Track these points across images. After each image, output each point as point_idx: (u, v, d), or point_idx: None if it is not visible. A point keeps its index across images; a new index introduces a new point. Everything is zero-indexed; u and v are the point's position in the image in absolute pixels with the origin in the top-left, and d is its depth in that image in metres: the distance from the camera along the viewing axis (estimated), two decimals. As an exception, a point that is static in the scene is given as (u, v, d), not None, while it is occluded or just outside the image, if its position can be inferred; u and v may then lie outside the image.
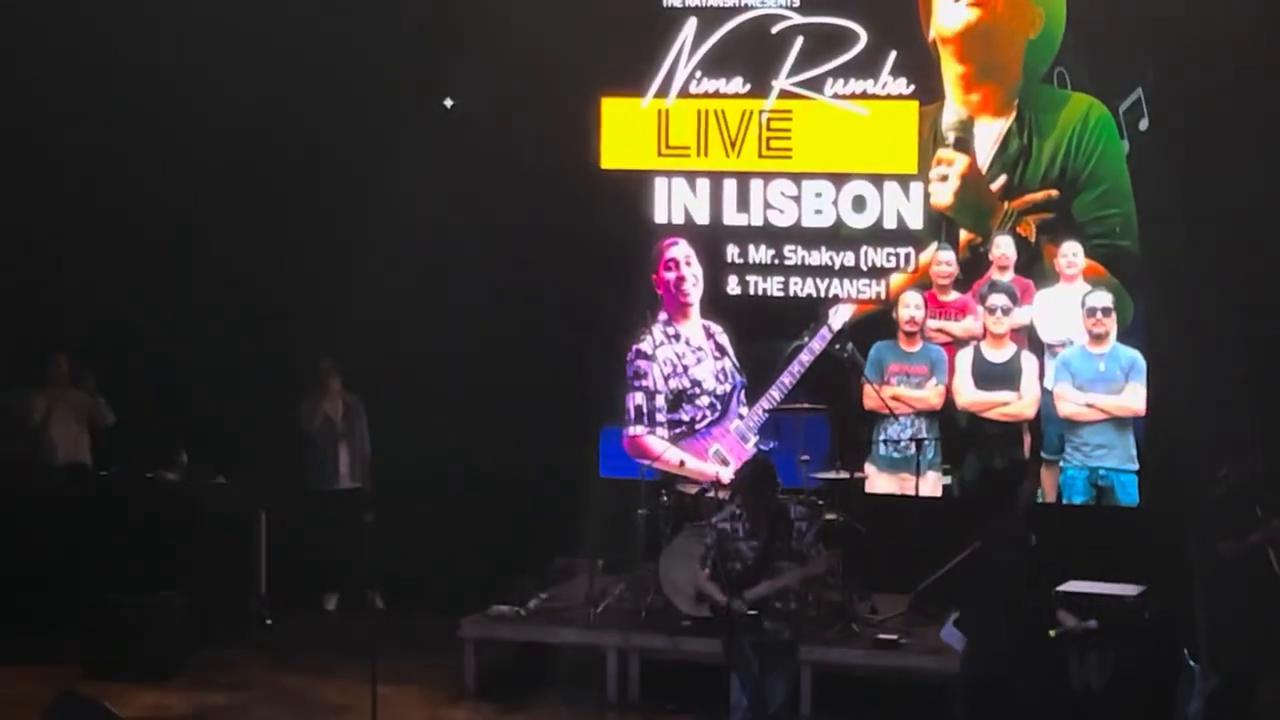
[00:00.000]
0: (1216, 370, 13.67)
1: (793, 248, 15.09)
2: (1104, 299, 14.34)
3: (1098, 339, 14.38)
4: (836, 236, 15.02)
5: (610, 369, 15.34)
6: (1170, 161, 14.05)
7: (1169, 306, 14.12)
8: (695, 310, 15.21)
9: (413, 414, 15.51)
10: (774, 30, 15.02)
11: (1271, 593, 11.54)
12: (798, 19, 14.96)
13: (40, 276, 16.03)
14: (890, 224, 14.91)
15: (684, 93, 15.21)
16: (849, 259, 14.99)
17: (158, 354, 15.88)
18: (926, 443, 14.52)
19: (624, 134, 15.39)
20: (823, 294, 15.04)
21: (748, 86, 15.10)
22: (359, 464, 15.62)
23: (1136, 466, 14.38)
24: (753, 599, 10.40)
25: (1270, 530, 11.61)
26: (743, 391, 15.15)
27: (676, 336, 15.18)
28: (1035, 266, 14.65)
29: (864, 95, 14.86)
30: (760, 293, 15.17)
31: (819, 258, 15.04)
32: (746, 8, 15.07)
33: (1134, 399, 14.35)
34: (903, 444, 14.63)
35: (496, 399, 15.51)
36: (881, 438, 14.82)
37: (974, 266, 14.81)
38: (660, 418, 15.16)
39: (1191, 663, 11.71)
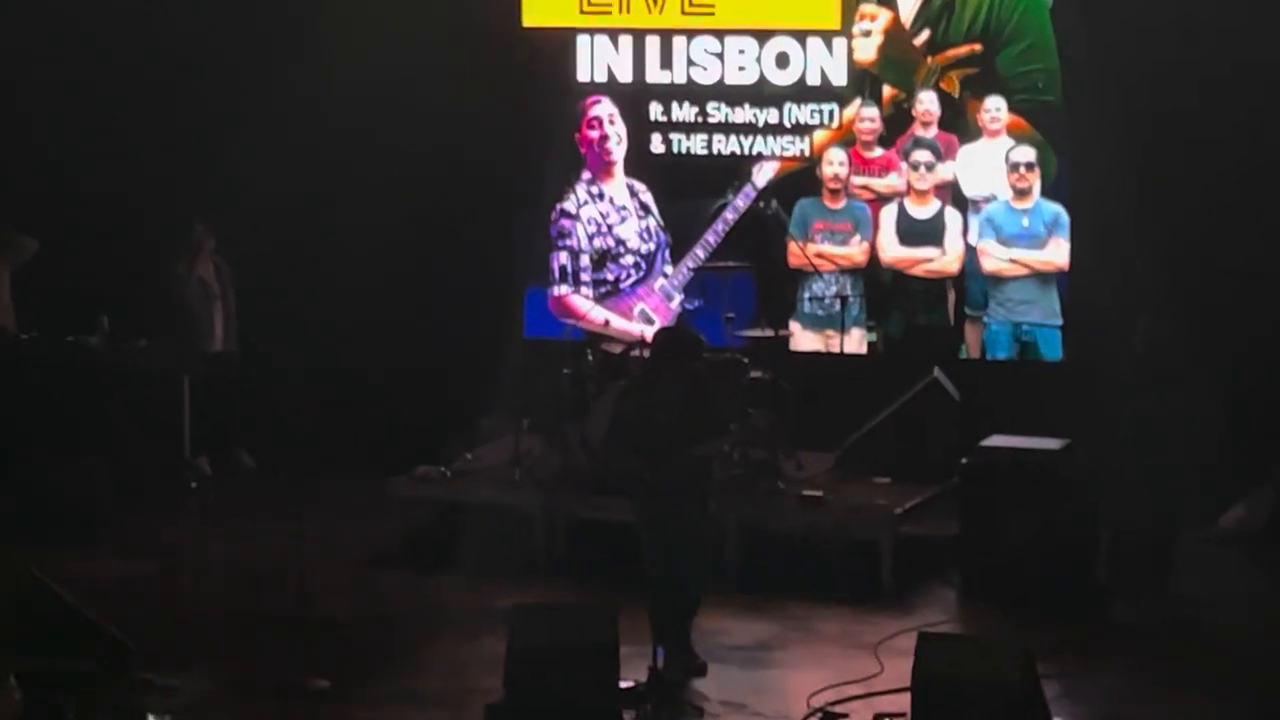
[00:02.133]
0: (1139, 225, 13.71)
1: (716, 105, 14.99)
2: (1027, 154, 14.32)
3: (1021, 194, 14.38)
4: (760, 94, 14.92)
5: (534, 229, 15.27)
6: (1093, 16, 14.00)
7: (1092, 161, 14.10)
8: (619, 169, 15.12)
9: (335, 278, 15.36)
10: (695, -117, 14.86)
11: (1183, 449, 11.66)
12: (719, -128, 14.79)
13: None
14: (814, 80, 14.80)
15: (605, -52, 15.06)
16: (772, 116, 14.89)
17: (78, 220, 15.72)
18: (851, 300, 14.53)
19: (545, -9, 15.25)
20: (747, 152, 14.95)
21: (670, -60, 14.95)
22: (231, 327, 15.53)
23: (1060, 321, 14.43)
24: (683, 462, 10.38)
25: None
26: (667, 250, 15.11)
27: (600, 196, 15.10)
28: (959, 122, 14.59)
29: (786, -51, 14.74)
30: (684, 151, 15.08)
31: (743, 115, 14.94)
32: None
33: (1057, 254, 14.38)
34: (827, 301, 14.65)
35: (419, 260, 15.41)
36: (806, 295, 14.82)
37: (897, 122, 14.75)
38: (585, 277, 15.13)
39: None
